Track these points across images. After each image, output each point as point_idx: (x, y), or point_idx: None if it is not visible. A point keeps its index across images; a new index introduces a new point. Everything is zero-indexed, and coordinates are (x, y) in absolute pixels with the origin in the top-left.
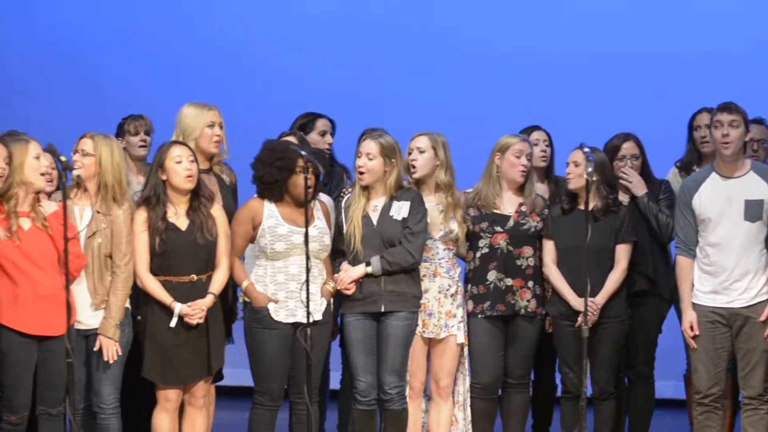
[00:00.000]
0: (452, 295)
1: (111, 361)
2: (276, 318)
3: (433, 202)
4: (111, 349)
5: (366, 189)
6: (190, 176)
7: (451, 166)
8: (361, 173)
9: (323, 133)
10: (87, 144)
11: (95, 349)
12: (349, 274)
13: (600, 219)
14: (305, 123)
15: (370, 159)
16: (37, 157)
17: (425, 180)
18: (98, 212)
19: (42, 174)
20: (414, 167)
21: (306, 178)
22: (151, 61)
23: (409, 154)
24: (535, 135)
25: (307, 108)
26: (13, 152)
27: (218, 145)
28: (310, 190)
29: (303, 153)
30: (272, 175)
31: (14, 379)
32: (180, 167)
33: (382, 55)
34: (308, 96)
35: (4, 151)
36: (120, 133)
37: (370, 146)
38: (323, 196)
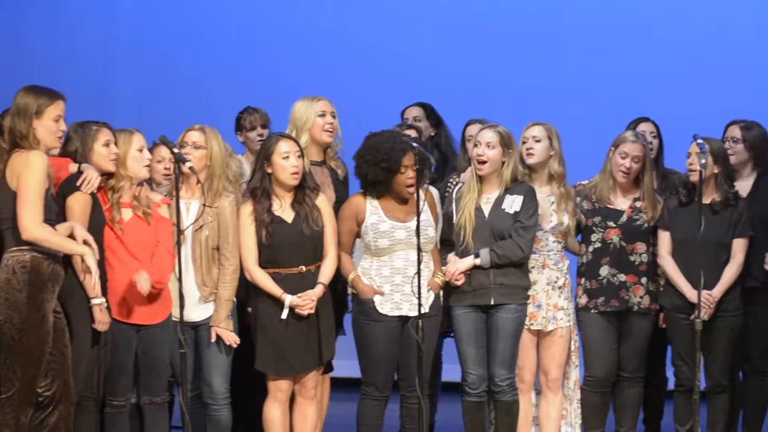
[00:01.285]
0: (560, 288)
1: (233, 346)
2: (381, 311)
3: (544, 193)
4: (229, 337)
5: (480, 181)
6: (295, 173)
7: (563, 157)
8: (482, 162)
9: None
10: (197, 136)
11: (212, 340)
12: (457, 265)
13: (718, 212)
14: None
15: (490, 148)
16: (141, 150)
17: (537, 170)
18: (204, 205)
19: (145, 166)
20: (532, 155)
21: (419, 171)
22: (262, 54)
23: (524, 143)
24: (643, 126)
25: (417, 98)
26: (118, 143)
27: (331, 134)
28: (413, 188)
29: (415, 145)
30: (376, 175)
31: (116, 366)
32: (287, 163)
33: (488, 46)
34: (420, 86)
35: (112, 137)
36: (238, 127)
37: (489, 135)
38: (431, 188)
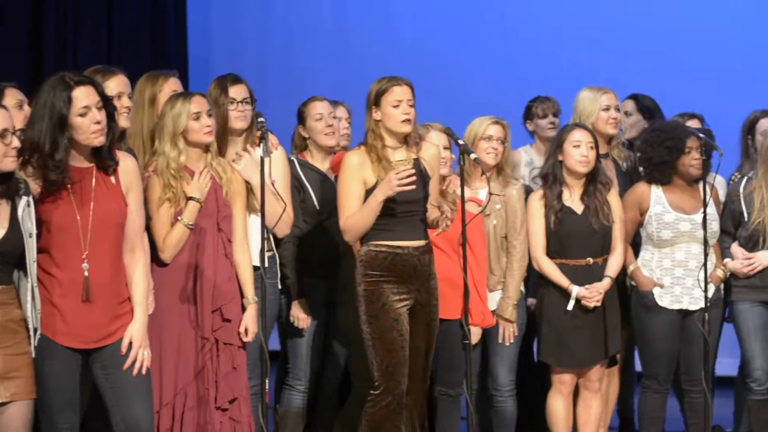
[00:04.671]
0: None
1: (508, 344)
2: (660, 303)
3: None
4: (508, 330)
5: None
6: (582, 162)
7: None
8: None
9: None
10: (500, 131)
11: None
12: (751, 262)
13: None
14: None
15: None
16: None
17: None
18: (491, 193)
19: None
20: None
21: (705, 161)
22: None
23: None
24: None
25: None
26: None
27: (615, 126)
28: (698, 168)
29: (701, 136)
30: (661, 156)
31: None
32: (576, 152)
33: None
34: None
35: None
36: (528, 116)
37: None
38: (717, 178)
